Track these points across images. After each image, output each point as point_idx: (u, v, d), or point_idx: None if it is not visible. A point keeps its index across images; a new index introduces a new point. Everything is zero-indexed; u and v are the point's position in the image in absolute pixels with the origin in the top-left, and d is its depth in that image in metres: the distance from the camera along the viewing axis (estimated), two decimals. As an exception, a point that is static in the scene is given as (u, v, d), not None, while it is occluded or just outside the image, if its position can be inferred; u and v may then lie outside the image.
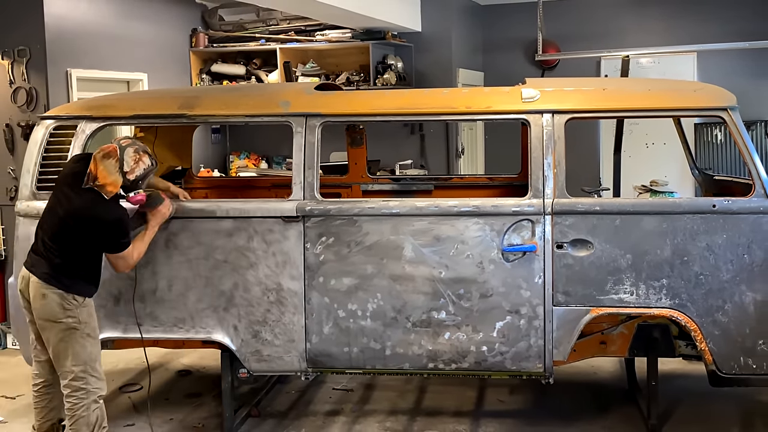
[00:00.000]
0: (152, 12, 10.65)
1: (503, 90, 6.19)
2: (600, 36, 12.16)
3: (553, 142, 5.80)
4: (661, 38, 11.82)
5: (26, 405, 7.14)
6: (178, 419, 6.81)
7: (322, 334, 5.99)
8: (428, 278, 5.84)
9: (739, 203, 5.63)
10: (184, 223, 6.06)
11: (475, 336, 5.85)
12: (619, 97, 6.07)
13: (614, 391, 7.16)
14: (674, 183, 11.11)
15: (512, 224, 5.77)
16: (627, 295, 5.71)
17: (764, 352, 5.65)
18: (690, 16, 11.93)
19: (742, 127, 5.76)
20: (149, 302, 6.13)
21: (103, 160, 5.47)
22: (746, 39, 10.70)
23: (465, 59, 12.14)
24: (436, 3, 11.58)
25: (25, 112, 8.91)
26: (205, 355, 8.22)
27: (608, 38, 12.03)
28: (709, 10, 11.84)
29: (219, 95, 6.80)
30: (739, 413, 6.59)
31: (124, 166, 5.48)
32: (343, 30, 11.37)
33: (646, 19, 12.16)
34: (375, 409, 6.91)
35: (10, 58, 8.87)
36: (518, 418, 6.65)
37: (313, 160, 5.99)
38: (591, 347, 6.09)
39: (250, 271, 6.02)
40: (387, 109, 6.17)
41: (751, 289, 5.61)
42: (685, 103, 6.02)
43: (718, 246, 5.62)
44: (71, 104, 7.13)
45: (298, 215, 5.93)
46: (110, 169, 5.45)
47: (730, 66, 11.80)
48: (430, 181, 8.00)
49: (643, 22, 12.16)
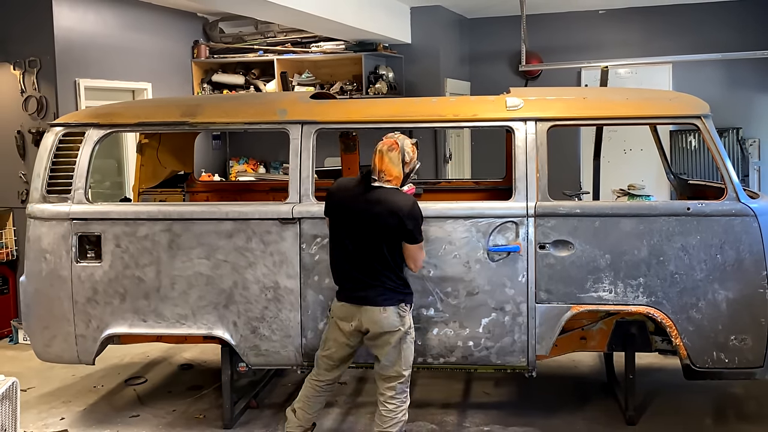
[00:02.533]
0: (156, 25, 10.64)
1: (489, 99, 6.19)
2: (580, 48, 12.17)
3: (536, 148, 5.80)
4: (639, 50, 11.84)
5: (37, 397, 7.14)
6: (180, 410, 6.79)
7: (317, 329, 5.98)
8: (417, 277, 5.83)
9: (712, 206, 5.64)
10: (186, 224, 6.06)
11: (462, 332, 5.85)
12: (599, 106, 6.08)
13: (594, 384, 7.16)
14: (651, 187, 11.13)
15: (497, 226, 5.77)
16: (606, 293, 5.71)
17: (735, 347, 5.66)
18: (666, 29, 11.95)
19: (715, 134, 5.77)
20: (153, 299, 6.12)
21: (389, 152, 5.32)
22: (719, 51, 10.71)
23: (452, 69, 12.13)
24: (425, 16, 11.58)
25: (36, 119, 8.90)
26: (206, 350, 8.20)
27: (588, 50, 12.04)
28: (683, 24, 11.86)
29: (219, 104, 6.79)
30: (711, 405, 6.59)
31: (405, 157, 5.36)
32: (337, 42, 11.37)
33: (624, 32, 12.17)
34: (367, 401, 6.89)
35: (22, 69, 8.87)
36: (503, 410, 6.64)
37: (309, 165, 5.99)
38: (572, 342, 6.10)
39: (249, 271, 6.02)
40: (378, 116, 6.17)
41: (723, 288, 5.62)
42: (661, 111, 6.03)
43: (692, 246, 5.62)
44: (79, 112, 7.11)
45: (295, 217, 5.92)
46: (395, 162, 5.29)
47: (703, 76, 11.81)
48: (420, 185, 8.00)
49: (621, 34, 12.17)
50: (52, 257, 6.21)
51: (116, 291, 6.16)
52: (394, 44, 11.48)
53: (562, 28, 12.40)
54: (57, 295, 6.23)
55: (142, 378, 7.65)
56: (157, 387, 7.39)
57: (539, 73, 12.48)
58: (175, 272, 6.09)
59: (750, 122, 11.69)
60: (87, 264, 6.18)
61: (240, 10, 8.57)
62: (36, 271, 6.26)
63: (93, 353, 6.27)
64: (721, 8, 11.66)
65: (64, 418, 6.68)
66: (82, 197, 6.21)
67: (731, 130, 11.49)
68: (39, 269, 6.25)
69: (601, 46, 12.09)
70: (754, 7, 11.51)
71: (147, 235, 6.11)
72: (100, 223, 6.16)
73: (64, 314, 6.23)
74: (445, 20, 11.91)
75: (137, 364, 8.06)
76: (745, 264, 5.60)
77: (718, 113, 7.08)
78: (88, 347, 6.25)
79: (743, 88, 11.73)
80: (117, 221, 6.15)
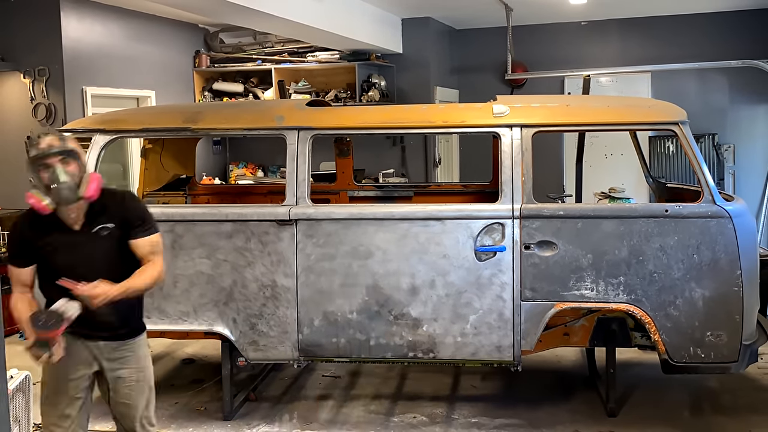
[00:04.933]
0: (159, 35, 10.63)
1: (476, 106, 6.18)
2: (564, 58, 12.18)
3: (522, 153, 5.80)
4: (619, 59, 11.86)
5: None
6: (182, 403, 6.78)
7: (313, 326, 5.97)
8: (408, 275, 5.83)
9: (689, 208, 5.64)
10: (188, 226, 6.05)
11: (451, 328, 5.85)
12: (581, 113, 6.08)
13: (576, 378, 7.16)
14: (630, 190, 11.14)
15: (484, 227, 5.76)
16: (588, 291, 5.71)
17: (711, 342, 5.66)
18: (645, 40, 11.97)
19: (692, 140, 5.77)
20: (157, 297, 6.11)
21: None
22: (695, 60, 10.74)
23: (442, 78, 12.14)
24: (416, 27, 11.58)
25: (45, 125, 8.88)
26: (207, 345, 8.18)
27: (571, 60, 12.05)
28: (661, 35, 11.88)
29: (220, 110, 6.78)
30: (688, 398, 6.59)
31: None
32: (331, 52, 11.37)
33: (605, 42, 12.19)
34: (360, 394, 6.89)
35: (31, 77, 8.86)
36: (490, 402, 6.64)
37: (305, 169, 5.98)
38: (555, 338, 6.09)
39: (248, 270, 6.00)
40: (371, 123, 6.16)
41: (699, 286, 5.62)
42: (641, 118, 6.04)
43: (670, 247, 5.63)
44: (86, 118, 7.10)
45: (291, 219, 5.91)
46: None
47: (681, 84, 11.84)
48: (410, 188, 8.00)
49: (602, 45, 12.19)
50: (60, 257, 6.18)
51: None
52: (386, 54, 11.48)
53: (546, 39, 12.42)
54: (64, 293, 6.21)
55: (146, 372, 7.62)
56: (160, 380, 7.35)
57: (524, 82, 12.49)
58: (178, 271, 6.08)
59: (725, 128, 11.72)
60: (93, 263, 6.16)
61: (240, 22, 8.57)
62: (44, 270, 6.24)
63: (99, 349, 6.26)
64: (697, 20, 11.69)
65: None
66: (89, 200, 6.19)
67: (707, 135, 11.51)
68: (47, 268, 6.22)
69: (584, 56, 12.10)
70: (728, 20, 11.54)
71: (150, 236, 6.09)
72: (106, 224, 6.14)
73: (71, 311, 6.21)
74: (435, 31, 11.91)
75: (141, 359, 8.03)
76: (720, 263, 5.60)
77: (695, 120, 7.08)
78: (94, 343, 6.23)
79: (719, 95, 11.76)
80: (122, 223, 6.13)
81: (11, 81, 9.00)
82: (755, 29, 11.31)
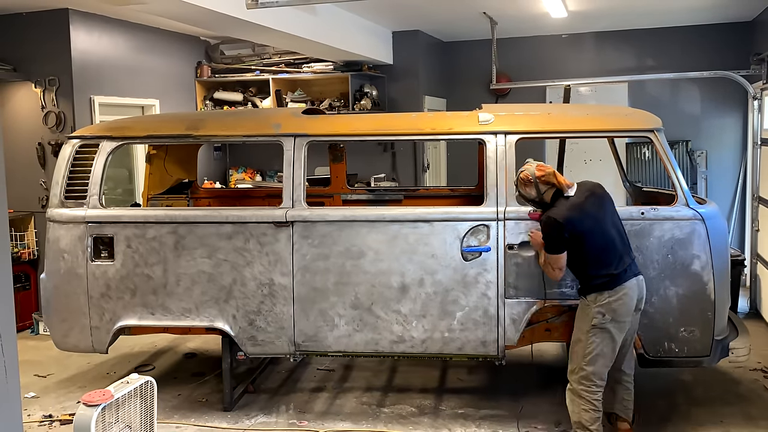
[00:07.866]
0: (163, 47, 10.61)
1: (463, 114, 6.19)
2: (546, 68, 12.18)
3: (506, 158, 5.81)
4: (598, 70, 11.86)
5: (56, 383, 7.11)
6: (185, 395, 6.77)
7: (308, 322, 5.98)
8: (398, 274, 5.84)
9: (664, 211, 5.66)
10: (190, 227, 6.05)
11: (439, 324, 5.85)
12: (562, 121, 6.09)
13: (557, 371, 7.15)
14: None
15: (470, 229, 5.77)
16: (568, 289, 5.72)
17: (685, 338, 5.67)
18: (622, 52, 11.98)
19: (667, 146, 5.79)
20: (161, 295, 6.11)
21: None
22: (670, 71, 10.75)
23: (430, 88, 12.13)
24: (406, 40, 11.58)
25: (55, 132, 8.88)
26: (208, 340, 8.18)
27: (553, 70, 12.06)
28: (638, 47, 11.89)
29: (220, 118, 6.78)
30: (664, 390, 6.61)
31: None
32: (326, 63, 11.36)
33: (585, 54, 12.19)
34: (353, 386, 6.89)
35: (42, 87, 8.84)
36: (475, 395, 6.65)
37: (301, 173, 5.98)
38: (538, 334, 6.09)
39: (247, 269, 6.00)
40: (363, 130, 6.16)
41: (674, 285, 5.64)
42: (618, 125, 6.05)
43: (645, 247, 5.64)
44: (94, 126, 7.08)
45: (288, 221, 5.91)
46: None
47: (656, 94, 11.85)
48: (400, 192, 8.00)
49: (582, 56, 12.19)
50: (70, 257, 6.19)
51: (127, 287, 6.14)
52: (377, 65, 11.47)
53: (529, 51, 12.42)
54: (74, 291, 6.21)
55: (151, 365, 7.62)
56: (163, 374, 7.37)
57: (508, 91, 12.48)
58: (180, 270, 6.08)
59: (698, 135, 11.73)
60: (101, 263, 6.16)
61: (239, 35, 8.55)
62: (55, 269, 6.24)
63: (106, 343, 6.26)
64: (671, 33, 11.70)
65: (81, 401, 6.64)
66: (97, 203, 6.20)
67: (681, 142, 11.53)
68: (57, 267, 6.23)
69: (564, 67, 12.11)
70: (701, 33, 11.56)
71: (155, 237, 6.10)
72: (113, 226, 6.15)
73: (80, 308, 6.21)
74: (424, 44, 11.91)
75: (146, 353, 8.03)
76: (693, 263, 5.62)
77: (669, 127, 7.10)
78: (101, 338, 6.23)
79: (692, 104, 11.77)
80: (128, 224, 6.13)
81: (23, 90, 8.98)
82: (726, 42, 11.33)
